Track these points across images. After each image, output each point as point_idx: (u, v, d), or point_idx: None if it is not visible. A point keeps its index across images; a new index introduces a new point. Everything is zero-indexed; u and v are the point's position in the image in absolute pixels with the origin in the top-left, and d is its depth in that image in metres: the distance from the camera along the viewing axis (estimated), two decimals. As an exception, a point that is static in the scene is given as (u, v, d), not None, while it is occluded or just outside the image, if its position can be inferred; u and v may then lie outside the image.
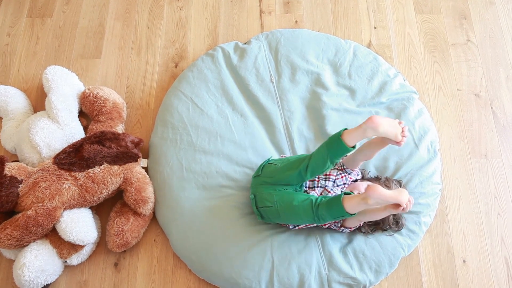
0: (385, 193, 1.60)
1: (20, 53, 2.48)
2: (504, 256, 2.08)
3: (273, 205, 1.83)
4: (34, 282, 1.85)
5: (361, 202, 1.62)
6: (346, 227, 1.94)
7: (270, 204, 1.84)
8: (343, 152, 1.69)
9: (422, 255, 2.08)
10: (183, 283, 2.02)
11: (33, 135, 2.01)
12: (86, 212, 1.98)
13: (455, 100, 2.40)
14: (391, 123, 1.67)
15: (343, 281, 1.94)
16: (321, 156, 1.74)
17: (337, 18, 2.61)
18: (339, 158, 1.74)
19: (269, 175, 1.91)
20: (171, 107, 2.25)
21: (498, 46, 2.54)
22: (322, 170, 1.76)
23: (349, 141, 1.66)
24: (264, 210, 1.89)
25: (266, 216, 1.92)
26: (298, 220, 1.84)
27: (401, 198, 1.62)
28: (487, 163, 2.27)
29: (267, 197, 1.86)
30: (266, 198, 1.87)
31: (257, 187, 1.94)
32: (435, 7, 2.65)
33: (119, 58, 2.48)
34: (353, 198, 1.64)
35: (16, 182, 1.89)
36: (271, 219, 1.93)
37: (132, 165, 2.03)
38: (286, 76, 2.33)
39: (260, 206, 1.90)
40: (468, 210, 2.16)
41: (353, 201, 1.64)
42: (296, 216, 1.79)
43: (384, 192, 1.60)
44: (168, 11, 2.61)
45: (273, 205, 1.83)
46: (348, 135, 1.66)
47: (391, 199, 1.62)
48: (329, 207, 1.68)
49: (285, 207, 1.80)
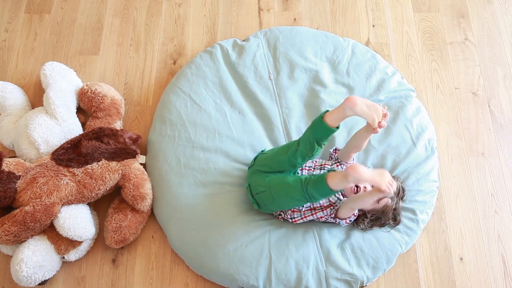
0: (364, 173, 1.60)
1: (18, 49, 2.47)
2: (500, 253, 2.09)
3: (266, 189, 1.85)
4: (32, 278, 1.85)
5: (342, 179, 1.64)
6: (340, 218, 1.92)
7: (264, 189, 1.86)
8: (327, 133, 1.75)
9: (420, 252, 2.08)
10: (180, 279, 2.02)
11: (31, 131, 2.01)
12: (84, 208, 1.98)
13: (452, 99, 2.41)
14: (370, 105, 1.71)
15: (340, 277, 1.94)
16: (307, 140, 1.80)
17: (335, 16, 2.62)
18: (325, 140, 1.79)
19: (262, 163, 1.95)
20: (169, 104, 2.25)
21: (495, 45, 2.55)
22: (311, 154, 1.80)
23: (331, 121, 1.73)
24: (259, 196, 1.90)
25: (262, 204, 1.93)
26: (291, 201, 1.84)
27: (380, 180, 1.62)
28: (484, 161, 2.27)
29: (260, 183, 1.88)
30: (259, 184, 1.89)
31: (251, 176, 1.97)
32: (433, 5, 2.66)
33: (118, 54, 2.48)
34: (336, 175, 1.66)
35: (14, 178, 1.88)
36: (267, 206, 1.93)
37: (130, 162, 2.03)
38: (285, 73, 2.34)
39: (255, 193, 1.92)
40: (465, 208, 2.17)
41: (335, 178, 1.66)
42: (289, 197, 1.80)
43: (363, 172, 1.60)
44: (166, 8, 2.61)
45: (266, 189, 1.85)
46: (329, 116, 1.73)
47: (368, 180, 1.62)
48: (316, 185, 1.71)
49: (278, 189, 1.82)
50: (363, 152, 2.16)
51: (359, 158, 2.16)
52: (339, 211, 1.90)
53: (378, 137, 2.20)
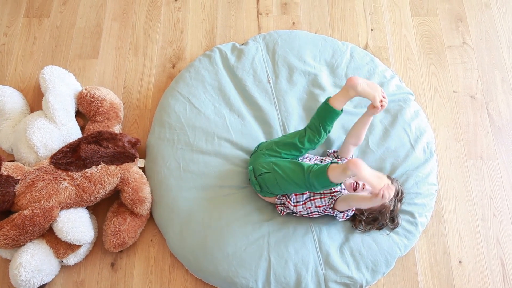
0: (363, 170, 1.60)
1: (17, 53, 2.47)
2: (499, 256, 2.09)
3: (270, 171, 1.88)
4: (31, 282, 1.84)
5: (342, 172, 1.65)
6: (338, 210, 1.91)
7: (267, 171, 1.89)
8: (333, 115, 1.86)
9: (419, 256, 2.08)
10: (180, 283, 2.02)
11: (30, 135, 2.01)
12: (83, 212, 1.98)
13: (451, 102, 2.42)
14: (370, 84, 1.83)
15: (339, 281, 1.94)
16: (313, 125, 1.92)
17: (334, 20, 2.63)
18: (331, 124, 1.88)
19: (266, 148, 2.01)
20: (168, 107, 2.25)
21: (493, 49, 2.56)
22: (318, 139, 1.92)
23: (336, 104, 1.85)
24: (262, 178, 1.91)
25: (264, 186, 1.93)
26: (293, 186, 1.84)
27: (376, 183, 1.62)
28: (483, 164, 2.28)
29: (265, 165, 1.92)
30: (263, 166, 1.92)
31: (255, 160, 2.01)
32: (431, 9, 2.67)
33: (117, 58, 2.48)
34: (337, 167, 1.68)
35: (12, 182, 1.88)
36: (269, 189, 1.93)
37: (129, 165, 2.03)
38: (283, 77, 2.34)
39: (258, 175, 1.93)
40: (464, 211, 2.18)
41: (336, 170, 1.67)
42: (291, 181, 1.82)
43: (363, 168, 1.60)
44: (165, 12, 2.62)
45: (270, 171, 1.88)
46: (334, 98, 1.85)
47: (365, 179, 1.62)
48: (317, 175, 1.72)
49: (281, 172, 1.84)
50: (362, 155, 2.17)
51: (358, 162, 2.16)
52: (337, 203, 1.89)
53: (377, 141, 2.20)
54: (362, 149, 2.18)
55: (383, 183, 1.63)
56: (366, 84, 1.81)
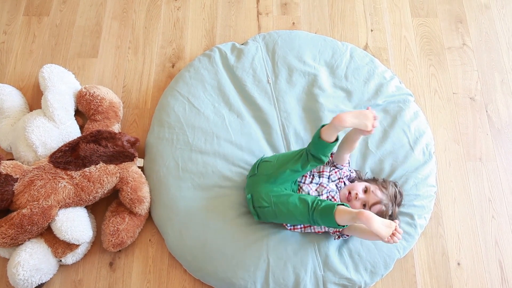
0: (374, 224, 1.60)
1: (17, 51, 2.47)
2: (498, 259, 2.10)
3: (270, 205, 1.85)
4: (29, 281, 1.84)
5: (351, 219, 1.65)
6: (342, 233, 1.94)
7: (267, 205, 1.86)
8: (328, 148, 1.80)
9: (417, 257, 2.08)
10: (178, 283, 2.02)
11: (28, 134, 2.00)
12: (82, 211, 1.97)
13: (450, 103, 2.42)
14: (356, 115, 1.73)
15: (338, 282, 1.94)
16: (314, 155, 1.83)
17: (334, 20, 2.62)
18: (329, 153, 1.83)
19: (265, 172, 1.93)
20: (167, 107, 2.25)
21: (493, 50, 2.56)
22: (322, 163, 1.86)
23: (328, 137, 1.76)
24: (261, 210, 1.90)
25: (263, 216, 1.93)
26: (295, 221, 1.87)
27: (384, 233, 1.61)
28: (482, 166, 2.28)
29: (265, 198, 1.87)
30: (263, 198, 1.88)
31: (253, 186, 1.95)
32: (431, 10, 2.67)
33: (116, 57, 2.48)
34: (345, 213, 1.66)
35: (11, 180, 1.88)
36: (268, 219, 1.94)
37: (128, 165, 2.03)
38: (283, 77, 2.34)
39: (257, 206, 1.91)
40: (462, 213, 2.18)
41: (345, 216, 1.66)
42: (293, 218, 1.82)
43: (374, 223, 1.60)
44: (165, 11, 2.61)
45: (270, 205, 1.85)
46: (325, 133, 1.76)
47: (375, 231, 1.61)
48: (323, 215, 1.71)
49: (282, 208, 1.81)
50: (361, 157, 2.17)
51: (357, 163, 2.16)
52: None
53: (376, 142, 2.20)
54: (361, 150, 2.18)
55: (388, 233, 1.62)
56: (353, 117, 1.72)
